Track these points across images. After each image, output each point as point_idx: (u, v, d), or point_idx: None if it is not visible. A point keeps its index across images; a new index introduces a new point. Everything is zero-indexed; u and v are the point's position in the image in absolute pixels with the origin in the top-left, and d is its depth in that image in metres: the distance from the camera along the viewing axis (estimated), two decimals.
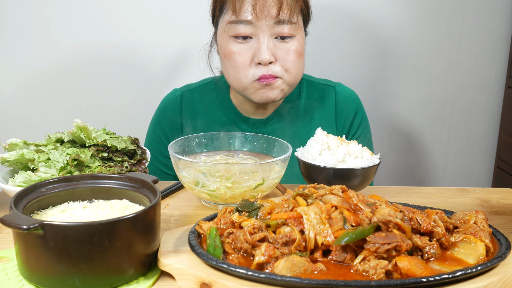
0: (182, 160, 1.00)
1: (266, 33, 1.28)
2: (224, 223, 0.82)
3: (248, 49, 1.29)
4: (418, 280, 0.66)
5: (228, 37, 1.31)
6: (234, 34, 1.29)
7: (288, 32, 1.28)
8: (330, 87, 1.51)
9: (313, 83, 1.52)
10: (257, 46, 1.28)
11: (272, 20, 1.26)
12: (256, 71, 1.28)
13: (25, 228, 0.65)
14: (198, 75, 1.82)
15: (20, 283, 0.73)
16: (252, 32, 1.28)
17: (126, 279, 0.72)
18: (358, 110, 1.50)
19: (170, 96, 1.50)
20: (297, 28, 1.31)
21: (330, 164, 1.02)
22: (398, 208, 0.79)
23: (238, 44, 1.29)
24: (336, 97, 1.49)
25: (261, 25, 1.27)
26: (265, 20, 1.26)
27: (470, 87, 2.25)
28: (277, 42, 1.29)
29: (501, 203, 1.10)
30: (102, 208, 0.80)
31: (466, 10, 2.13)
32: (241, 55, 1.29)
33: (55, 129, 2.05)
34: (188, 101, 1.47)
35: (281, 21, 1.27)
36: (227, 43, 1.31)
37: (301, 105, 1.48)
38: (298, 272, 0.69)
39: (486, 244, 0.76)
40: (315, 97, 1.50)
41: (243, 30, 1.28)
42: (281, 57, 1.29)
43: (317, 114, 1.48)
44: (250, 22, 1.27)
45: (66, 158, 0.97)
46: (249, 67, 1.29)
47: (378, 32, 2.16)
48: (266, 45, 1.27)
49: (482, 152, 2.35)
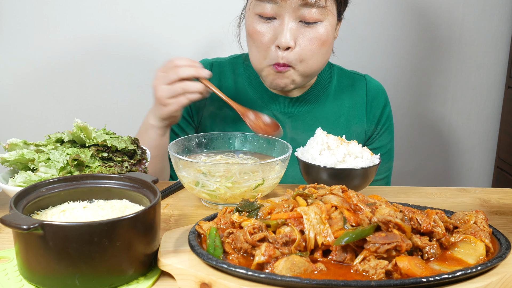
0: (182, 160, 1.00)
1: (291, 15, 1.22)
2: (224, 223, 0.82)
3: (271, 30, 1.25)
4: (418, 280, 0.66)
5: (253, 14, 1.27)
6: (258, 13, 1.25)
7: (314, 17, 1.22)
8: (361, 77, 1.48)
9: (344, 71, 1.49)
10: (280, 28, 1.23)
11: (299, 1, 1.20)
12: (273, 56, 1.25)
13: (25, 228, 0.65)
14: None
15: (20, 283, 0.73)
16: (276, 12, 1.23)
17: (126, 279, 0.72)
18: (386, 103, 1.48)
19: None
20: (325, 13, 1.24)
21: (330, 164, 1.02)
22: (398, 208, 0.79)
23: (262, 24, 1.26)
24: (367, 86, 1.46)
25: (286, 6, 1.21)
26: (290, 1, 1.20)
27: (470, 87, 2.25)
28: (301, 26, 1.24)
29: (501, 203, 1.10)
30: (102, 208, 0.80)
31: (466, 10, 2.13)
32: (263, 35, 1.26)
33: (55, 129, 2.05)
34: (217, 71, 1.44)
35: (308, 4, 1.21)
36: (252, 20, 1.28)
37: (331, 89, 1.44)
38: (298, 272, 0.69)
39: (486, 244, 0.76)
40: (345, 85, 1.46)
41: (267, 9, 1.23)
42: (302, 44, 1.25)
43: (347, 101, 1.45)
44: (275, 1, 1.21)
45: (66, 158, 0.97)
46: (269, 49, 1.26)
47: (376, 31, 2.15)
48: (289, 29, 1.22)
49: (482, 152, 2.35)
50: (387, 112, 1.47)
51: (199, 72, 1.21)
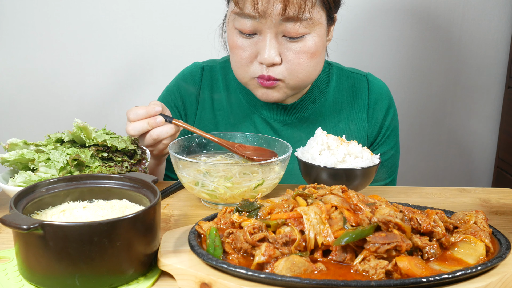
0: (182, 160, 1.00)
1: (273, 30, 1.12)
2: (224, 223, 0.82)
3: (252, 45, 1.16)
4: (418, 280, 0.66)
5: (233, 28, 1.18)
6: (238, 28, 1.16)
7: (299, 32, 1.12)
8: (362, 76, 1.37)
9: (344, 71, 1.37)
10: (262, 44, 1.14)
11: (279, 16, 1.10)
12: (257, 69, 1.17)
13: (25, 228, 0.65)
14: None
15: (20, 283, 0.73)
16: (256, 28, 1.13)
17: (126, 279, 0.72)
18: (390, 104, 1.37)
19: (192, 67, 1.40)
20: (313, 24, 1.13)
21: (330, 164, 1.02)
22: (398, 208, 0.79)
23: (242, 39, 1.16)
24: (370, 87, 1.35)
25: (266, 22, 1.11)
26: (270, 17, 1.10)
27: (470, 87, 2.25)
28: (285, 41, 1.14)
29: (501, 203, 1.10)
30: (102, 208, 0.80)
31: (466, 11, 2.13)
32: (243, 50, 1.17)
33: (55, 129, 2.05)
34: (208, 76, 1.37)
35: (290, 18, 1.10)
36: (232, 34, 1.19)
37: (330, 93, 1.34)
38: (298, 272, 0.69)
39: (486, 244, 0.76)
40: (345, 86, 1.35)
41: (247, 25, 1.13)
42: (289, 58, 1.15)
43: (347, 105, 1.34)
44: (254, 17, 1.11)
45: (66, 158, 0.97)
46: (251, 63, 1.17)
47: (377, 31, 2.16)
48: (271, 45, 1.13)
49: (482, 152, 2.35)
50: (391, 115, 1.37)
51: (151, 124, 1.11)
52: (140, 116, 1.11)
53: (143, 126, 1.11)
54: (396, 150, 1.41)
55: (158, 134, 1.11)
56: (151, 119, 1.11)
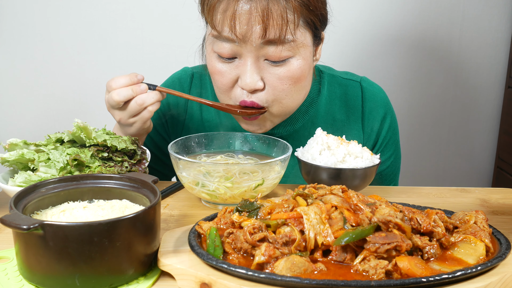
0: (182, 160, 1.00)
1: (254, 54, 1.05)
2: (224, 223, 0.82)
3: (233, 69, 1.09)
4: (418, 280, 0.66)
5: (212, 51, 1.11)
6: (217, 52, 1.08)
7: (281, 56, 1.05)
8: (355, 83, 1.29)
9: (336, 78, 1.29)
10: (243, 69, 1.07)
11: (260, 40, 1.02)
12: (238, 94, 1.10)
13: (25, 228, 0.65)
14: None
15: (20, 283, 0.73)
16: (236, 52, 1.06)
17: (126, 279, 0.72)
18: (387, 112, 1.29)
19: (181, 73, 1.35)
20: (296, 47, 1.05)
21: (330, 164, 1.02)
22: (398, 208, 0.79)
23: (222, 63, 1.10)
24: (364, 95, 1.27)
25: (246, 45, 1.04)
26: (250, 40, 1.03)
27: (470, 87, 2.25)
28: (267, 65, 1.07)
29: (501, 203, 1.10)
30: (102, 208, 0.80)
31: (466, 10, 2.13)
32: (223, 76, 1.10)
33: (55, 129, 2.05)
34: (198, 83, 1.31)
35: (271, 41, 1.03)
36: (211, 57, 1.12)
37: (321, 103, 1.27)
38: (298, 272, 0.69)
39: (486, 244, 0.76)
40: (338, 95, 1.28)
41: (226, 49, 1.06)
42: (272, 83, 1.08)
43: (340, 115, 1.27)
44: (233, 40, 1.04)
45: (66, 158, 0.97)
46: (232, 89, 1.11)
47: (377, 32, 2.16)
48: (252, 70, 1.06)
49: (482, 152, 2.35)
50: (387, 124, 1.29)
51: (136, 91, 1.08)
52: (123, 84, 1.09)
53: (127, 92, 1.08)
54: (396, 156, 1.36)
55: (144, 99, 1.08)
56: (135, 86, 1.09)
